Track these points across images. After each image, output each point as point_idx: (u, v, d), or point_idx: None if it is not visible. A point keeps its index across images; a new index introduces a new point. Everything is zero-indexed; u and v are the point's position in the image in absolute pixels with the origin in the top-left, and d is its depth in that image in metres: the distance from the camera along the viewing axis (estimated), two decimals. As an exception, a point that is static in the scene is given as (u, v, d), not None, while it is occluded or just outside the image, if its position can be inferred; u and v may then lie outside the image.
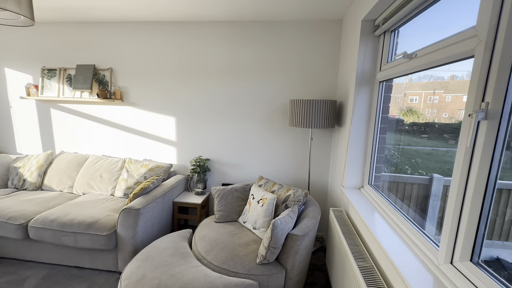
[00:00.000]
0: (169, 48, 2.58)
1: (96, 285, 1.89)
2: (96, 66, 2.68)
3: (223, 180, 2.76)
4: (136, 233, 1.95)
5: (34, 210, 2.12)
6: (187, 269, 1.51)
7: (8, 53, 2.81)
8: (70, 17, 2.50)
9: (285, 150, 2.60)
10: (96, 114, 2.81)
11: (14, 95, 2.89)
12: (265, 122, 2.58)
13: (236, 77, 2.54)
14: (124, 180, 2.51)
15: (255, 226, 1.95)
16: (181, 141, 2.74)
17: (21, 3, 1.30)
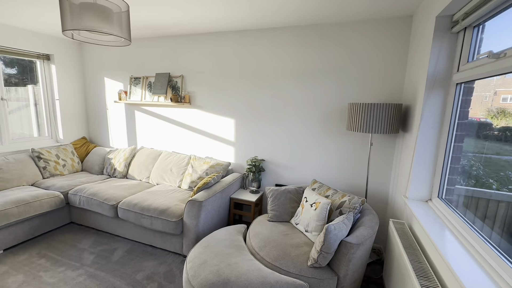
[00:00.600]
0: (231, 55, 2.79)
1: (165, 264, 2.19)
2: (171, 74, 3.09)
3: (277, 181, 2.84)
4: (199, 222, 2.19)
5: (122, 195, 2.58)
6: (242, 261, 1.63)
7: (107, 66, 3.47)
8: (152, 33, 2.94)
9: (341, 155, 2.53)
10: (168, 115, 3.24)
11: (109, 99, 3.56)
12: (321, 125, 2.56)
13: (293, 81, 2.59)
14: (189, 175, 2.82)
15: (307, 228, 1.97)
16: (239, 141, 2.93)
17: (122, 28, 1.62)
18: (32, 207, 2.39)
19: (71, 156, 3.32)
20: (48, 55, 3.29)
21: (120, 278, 1.99)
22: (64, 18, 1.43)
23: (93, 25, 1.46)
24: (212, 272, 1.52)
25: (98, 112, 3.68)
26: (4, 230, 2.26)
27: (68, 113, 3.54)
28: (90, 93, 3.68)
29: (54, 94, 3.41)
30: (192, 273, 1.56)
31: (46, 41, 3.18)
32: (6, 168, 2.70)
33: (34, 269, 2.07)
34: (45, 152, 3.07)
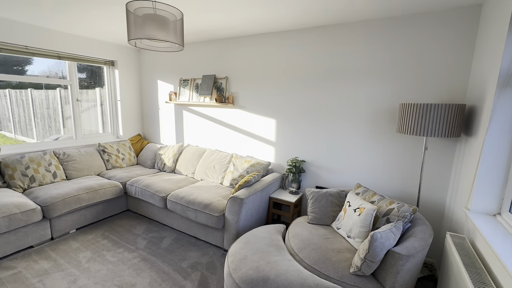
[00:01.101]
0: (273, 56, 2.81)
1: (207, 255, 2.32)
2: (216, 76, 3.25)
3: (317, 183, 2.78)
4: (239, 219, 2.26)
5: (170, 188, 2.80)
6: (281, 261, 1.65)
7: (160, 69, 3.80)
8: (200, 38, 3.12)
9: (389, 159, 2.36)
10: (213, 115, 3.41)
11: (161, 100, 3.89)
12: (368, 127, 2.42)
13: (337, 80, 2.50)
14: (231, 172, 2.93)
15: (349, 234, 1.89)
16: (279, 141, 2.94)
17: (177, 35, 1.76)
18: (98, 194, 2.75)
19: (128, 151, 3.72)
20: (113, 61, 3.74)
21: (168, 264, 2.17)
22: (130, 29, 1.62)
23: (153, 33, 1.62)
24: (252, 268, 1.56)
25: (151, 112, 4.05)
26: (77, 212, 2.64)
27: (127, 113, 3.97)
28: (145, 94, 4.06)
29: (117, 95, 3.85)
30: (233, 266, 1.63)
31: (111, 49, 3.62)
32: (79, 159, 3.15)
33: (99, 248, 2.38)
34: (108, 147, 3.50)
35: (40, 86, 5.05)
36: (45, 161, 2.84)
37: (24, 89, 5.43)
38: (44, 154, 2.88)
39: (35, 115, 5.43)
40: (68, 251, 2.31)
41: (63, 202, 2.45)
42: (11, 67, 3.07)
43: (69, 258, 2.20)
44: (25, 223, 2.22)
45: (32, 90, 5.32)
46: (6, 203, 2.17)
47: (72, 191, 2.57)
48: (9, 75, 2.86)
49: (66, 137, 3.67)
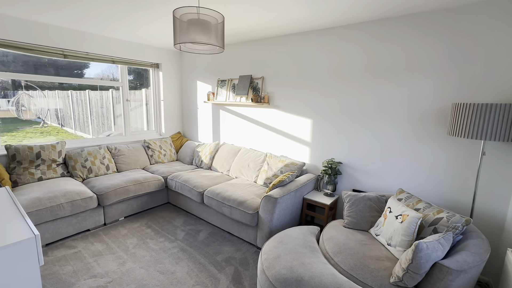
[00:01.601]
0: (311, 55, 2.76)
1: (240, 251, 2.38)
2: (252, 76, 3.30)
3: (354, 186, 2.67)
4: (273, 218, 2.28)
5: (207, 184, 2.93)
6: (316, 263, 1.62)
7: (199, 70, 3.99)
8: (238, 39, 3.20)
9: (438, 163, 2.16)
10: (248, 114, 3.47)
11: (200, 100, 4.08)
12: (412, 128, 2.25)
13: (379, 78, 2.37)
14: (264, 171, 2.96)
15: (389, 242, 1.79)
16: (315, 142, 2.88)
17: (217, 38, 1.83)
18: (143, 186, 3.00)
19: (169, 147, 3.98)
20: (157, 64, 4.03)
21: (203, 256, 2.28)
22: (176, 34, 1.73)
23: (196, 37, 1.71)
24: (286, 268, 1.57)
25: (190, 111, 4.27)
26: (125, 202, 2.91)
27: (169, 112, 4.25)
28: (186, 94, 4.30)
29: (160, 95, 4.14)
30: (266, 264, 1.65)
31: (157, 53, 3.90)
32: (128, 154, 3.47)
33: (143, 236, 2.60)
34: (152, 143, 3.79)
35: (95, 87, 5.65)
36: (100, 154, 3.18)
37: (82, 90, 6.13)
38: (99, 149, 3.23)
39: (91, 113, 6.09)
40: (117, 236, 2.56)
41: (114, 192, 2.72)
42: (73, 71, 3.50)
43: (119, 243, 2.45)
44: (84, 209, 2.52)
45: (89, 91, 5.98)
46: (70, 191, 2.49)
47: (122, 183, 2.84)
48: (72, 78, 3.26)
49: (117, 133, 4.06)
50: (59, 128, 7.08)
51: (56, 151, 2.87)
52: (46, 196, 2.34)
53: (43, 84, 3.75)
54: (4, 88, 4.04)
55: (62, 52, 2.99)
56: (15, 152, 2.62)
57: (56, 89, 5.15)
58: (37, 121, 7.25)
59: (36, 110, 5.62)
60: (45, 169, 2.78)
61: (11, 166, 2.62)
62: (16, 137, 5.91)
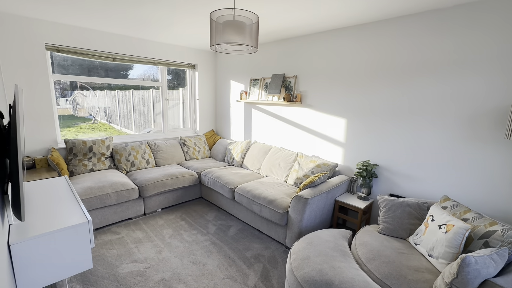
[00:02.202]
0: (346, 52, 2.65)
1: (269, 249, 2.40)
2: (285, 75, 3.28)
3: (391, 190, 2.51)
4: (303, 218, 2.26)
5: (238, 181, 3.00)
6: (347, 268, 1.57)
7: (232, 70, 4.08)
8: (271, 38, 3.20)
9: (491, 169, 1.94)
10: (279, 113, 3.46)
11: (233, 99, 4.17)
12: (463, 130, 2.04)
13: (422, 75, 2.18)
14: (295, 171, 2.94)
15: (431, 253, 1.65)
16: (349, 142, 2.77)
17: (252, 38, 1.86)
18: (179, 180, 3.17)
19: (203, 144, 4.15)
20: (194, 64, 4.21)
21: (233, 251, 2.34)
22: (212, 35, 1.80)
23: (231, 38, 1.76)
24: (315, 270, 1.54)
25: (223, 110, 4.40)
26: (162, 195, 3.11)
27: (203, 110, 4.42)
28: (219, 94, 4.44)
29: (196, 95, 4.33)
30: (295, 264, 1.64)
31: (193, 54, 4.08)
32: (165, 150, 3.70)
33: (178, 227, 2.75)
34: (187, 140, 3.98)
35: (138, 87, 6.10)
36: (141, 150, 3.44)
37: (127, 90, 6.67)
38: (141, 144, 3.49)
39: (134, 111, 6.60)
40: (155, 226, 2.75)
41: (153, 185, 2.93)
42: (120, 72, 3.82)
43: (156, 232, 2.63)
44: (127, 199, 2.75)
45: (133, 91, 6.48)
46: (116, 182, 2.74)
47: (160, 177, 3.04)
48: (118, 79, 3.56)
49: (156, 130, 4.35)
50: (107, 125, 7.82)
51: (105, 145, 3.18)
52: (96, 185, 2.60)
53: (95, 84, 4.16)
54: (63, 89, 4.57)
55: (111, 56, 3.28)
56: (72, 145, 2.96)
57: (105, 89, 5.70)
58: (89, 118, 8.09)
59: (88, 108, 6.23)
60: (95, 162, 3.10)
61: (69, 158, 2.96)
62: (72, 132, 6.68)
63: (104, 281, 1.92)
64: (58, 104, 4.56)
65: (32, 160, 2.70)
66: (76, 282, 1.90)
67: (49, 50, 2.83)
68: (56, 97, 3.06)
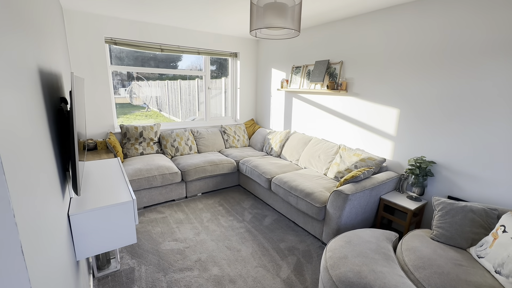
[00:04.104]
0: (403, 33, 2.32)
1: (304, 243, 2.33)
2: (330, 61, 3.06)
3: (451, 192, 2.19)
4: (342, 215, 2.12)
5: (275, 171, 2.95)
6: (390, 273, 1.42)
7: (274, 58, 3.97)
8: (315, 21, 2.99)
9: None
10: (322, 102, 3.27)
11: (273, 87, 4.09)
12: (555, 124, 1.64)
13: (498, 57, 1.79)
14: (336, 164, 2.76)
15: (499, 270, 1.39)
16: (400, 136, 2.48)
17: (294, 20, 1.74)
18: (218, 167, 3.27)
19: (243, 133, 4.19)
20: (236, 53, 4.22)
21: (267, 241, 2.34)
22: (252, 20, 1.73)
23: (272, 22, 1.67)
24: (353, 271, 1.43)
25: (264, 99, 4.35)
26: (202, 180, 3.26)
27: (244, 99, 4.44)
28: (260, 82, 4.39)
29: (237, 84, 4.36)
30: (331, 263, 1.55)
31: (235, 42, 4.08)
32: (207, 137, 3.84)
33: (215, 212, 2.86)
34: (228, 129, 4.06)
35: (185, 77, 6.39)
36: (185, 136, 3.63)
37: (175, 80, 7.05)
38: (185, 131, 3.68)
39: (181, 100, 6.98)
40: (195, 209, 2.90)
41: (194, 170, 3.07)
42: (169, 63, 4.04)
43: (196, 215, 2.77)
44: (171, 182, 2.95)
45: (180, 81, 6.83)
46: (161, 165, 2.94)
47: (201, 163, 3.18)
48: (165, 69, 3.76)
49: (199, 118, 4.54)
50: (158, 113, 8.48)
51: (153, 131, 3.43)
52: (144, 168, 2.84)
53: (148, 75, 4.48)
54: (123, 80, 5.04)
55: (160, 47, 3.47)
56: (126, 130, 3.26)
57: (156, 80, 6.14)
58: (143, 106, 8.86)
59: (143, 97, 6.76)
60: (145, 146, 3.37)
61: (123, 142, 3.28)
62: (129, 119, 7.39)
63: (148, 255, 2.11)
64: (118, 93, 5.05)
65: (94, 142, 3.05)
66: (126, 253, 2.12)
67: (108, 43, 3.11)
68: (117, 87, 3.39)
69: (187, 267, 1.98)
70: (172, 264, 2.01)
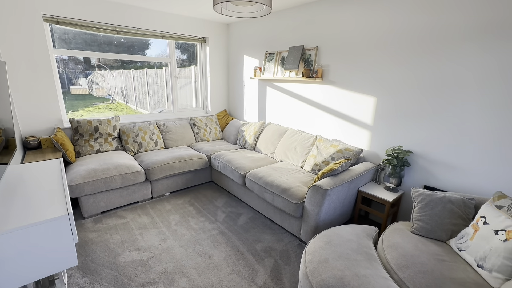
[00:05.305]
0: (380, 16, 2.19)
1: (282, 242, 2.18)
2: (305, 47, 2.87)
3: (427, 182, 2.15)
4: (320, 211, 1.99)
5: (250, 166, 2.75)
6: (373, 277, 1.30)
7: (246, 44, 3.69)
8: (290, 2, 2.76)
9: None
10: (297, 91, 3.10)
11: (246, 76, 3.83)
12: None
13: (477, 43, 1.72)
14: (313, 156, 2.63)
15: (481, 263, 1.34)
16: (377, 125, 2.39)
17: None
18: (187, 164, 2.99)
19: (215, 125, 3.91)
20: (204, 38, 3.87)
21: (242, 243, 2.15)
22: (215, -8, 1.46)
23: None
24: (335, 278, 1.29)
25: (236, 88, 4.08)
26: (170, 178, 2.96)
27: (215, 89, 4.13)
28: (232, 70, 4.10)
29: (207, 72, 4.03)
30: (311, 268, 1.40)
31: (203, 26, 3.73)
32: (175, 130, 3.51)
33: (185, 213, 2.60)
34: (198, 121, 3.76)
35: (152, 66, 5.86)
36: (150, 130, 3.27)
37: (141, 69, 6.47)
38: (149, 125, 3.32)
39: (149, 91, 6.44)
40: (162, 211, 2.62)
41: (160, 168, 2.76)
42: (137, 51, 3.57)
43: (163, 218, 2.49)
44: (133, 182, 2.62)
45: (147, 70, 6.28)
46: (121, 164, 2.59)
47: (167, 159, 2.87)
48: (125, 55, 3.33)
49: (168, 110, 4.16)
50: (124, 105, 7.79)
51: (111, 125, 3.03)
52: (100, 168, 2.47)
53: (113, 64, 3.96)
54: (84, 69, 4.43)
55: (114, 28, 3.03)
56: (77, 125, 2.83)
57: (120, 69, 5.54)
58: (108, 98, 8.10)
59: (107, 88, 6.10)
60: (102, 142, 2.97)
61: (75, 138, 2.85)
62: (91, 112, 6.70)
63: (104, 270, 1.81)
64: (79, 84, 4.47)
65: (38, 139, 2.60)
66: (76, 270, 1.80)
67: (48, 21, 2.62)
68: (77, 77, 2.92)
69: (150, 281, 1.73)
70: (132, 279, 1.74)
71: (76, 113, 3.99)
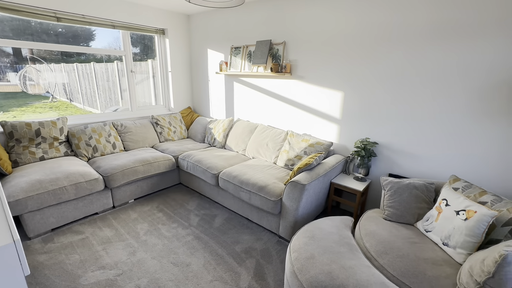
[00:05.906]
0: (345, 12, 2.27)
1: (261, 241, 2.15)
2: (272, 41, 2.84)
3: (391, 170, 2.32)
4: (299, 206, 2.00)
5: (222, 165, 2.64)
6: (359, 267, 1.34)
7: (210, 37, 3.52)
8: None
9: (506, 145, 1.77)
10: (266, 86, 3.07)
11: (211, 71, 3.66)
12: (475, 103, 1.82)
13: (432, 40, 1.89)
14: (285, 152, 2.64)
15: (446, 241, 1.48)
16: (345, 119, 2.49)
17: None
18: (152, 167, 2.75)
19: (179, 124, 3.68)
20: (163, 30, 3.58)
21: (221, 246, 2.06)
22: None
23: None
24: (324, 273, 1.30)
25: (201, 83, 3.89)
26: (134, 184, 2.69)
27: (178, 84, 3.88)
28: (195, 65, 3.88)
29: (168, 66, 3.75)
30: (298, 266, 1.39)
31: (162, 16, 3.44)
32: (135, 131, 3.19)
33: (154, 220, 2.39)
34: (161, 119, 3.49)
35: (101, 60, 5.26)
36: (105, 132, 2.92)
37: (87, 63, 5.77)
38: (104, 125, 2.96)
39: (98, 87, 5.78)
40: (127, 221, 2.37)
41: (121, 174, 2.49)
42: (79, 43, 3.12)
43: (129, 229, 2.25)
44: (90, 192, 2.31)
45: (94, 63, 5.61)
46: (73, 172, 2.26)
47: (129, 163, 2.59)
48: (70, 46, 2.90)
49: (123, 108, 3.77)
50: (68, 103, 6.86)
51: (57, 128, 2.62)
52: (47, 178, 2.12)
53: (50, 56, 3.41)
54: (12, 63, 3.74)
55: (54, 14, 2.60)
56: (12, 129, 2.38)
57: (61, 62, 4.83)
58: (47, 95, 7.05)
59: (44, 84, 5.25)
60: (46, 148, 2.55)
61: (10, 145, 2.39)
62: (26, 112, 5.74)
63: (62, 297, 1.56)
64: (7, 79, 3.76)
65: (-43, 149, 2.11)
66: (25, 303, 1.51)
67: (-38, 2, 2.12)
68: (3, 71, 2.41)
69: (122, 302, 1.54)
70: (99, 303, 1.53)
71: (7, 114, 3.36)
